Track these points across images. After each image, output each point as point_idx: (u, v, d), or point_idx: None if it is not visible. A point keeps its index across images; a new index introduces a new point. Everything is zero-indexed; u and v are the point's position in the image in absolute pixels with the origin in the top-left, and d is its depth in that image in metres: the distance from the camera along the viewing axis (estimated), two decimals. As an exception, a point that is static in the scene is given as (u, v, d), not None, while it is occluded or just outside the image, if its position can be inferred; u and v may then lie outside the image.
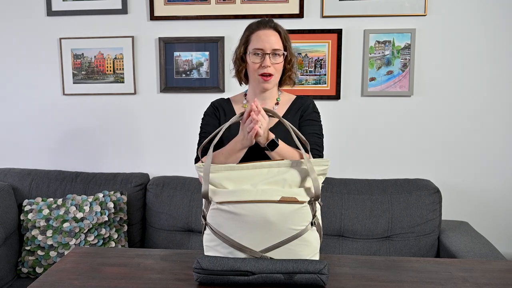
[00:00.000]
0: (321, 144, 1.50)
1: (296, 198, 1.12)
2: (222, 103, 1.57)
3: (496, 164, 2.24)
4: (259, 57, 1.43)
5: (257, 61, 1.43)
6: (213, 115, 1.55)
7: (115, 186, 2.23)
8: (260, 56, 1.43)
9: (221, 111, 1.54)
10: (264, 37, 1.43)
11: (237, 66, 1.52)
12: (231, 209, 1.12)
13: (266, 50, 1.42)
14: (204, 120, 1.56)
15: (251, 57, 1.44)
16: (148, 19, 2.32)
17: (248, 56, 1.45)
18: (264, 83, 1.45)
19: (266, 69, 1.43)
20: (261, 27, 1.45)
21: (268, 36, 1.43)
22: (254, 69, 1.44)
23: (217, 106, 1.56)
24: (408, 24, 2.20)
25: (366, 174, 2.28)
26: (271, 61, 1.43)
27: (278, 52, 1.44)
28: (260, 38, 1.43)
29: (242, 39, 1.49)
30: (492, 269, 1.25)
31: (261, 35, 1.43)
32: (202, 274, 1.11)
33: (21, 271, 2.06)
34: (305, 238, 1.13)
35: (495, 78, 2.20)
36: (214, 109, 1.56)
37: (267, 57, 1.42)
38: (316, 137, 1.48)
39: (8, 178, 2.26)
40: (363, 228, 2.06)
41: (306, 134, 1.45)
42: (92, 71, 2.37)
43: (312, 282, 1.09)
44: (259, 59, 1.43)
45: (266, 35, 1.43)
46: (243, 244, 1.12)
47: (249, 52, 1.45)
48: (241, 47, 1.48)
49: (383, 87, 2.24)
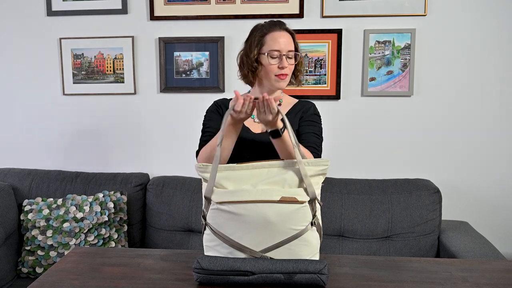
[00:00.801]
0: (319, 144, 1.49)
1: (296, 198, 1.12)
2: (225, 103, 1.57)
3: (496, 164, 2.24)
4: (276, 59, 1.43)
5: (274, 62, 1.43)
6: (216, 112, 1.54)
7: (115, 186, 2.23)
8: (277, 57, 1.43)
9: (224, 110, 1.54)
10: (280, 39, 1.43)
11: (251, 69, 1.48)
12: (231, 209, 1.12)
13: (282, 52, 1.42)
14: (208, 116, 1.55)
15: (269, 59, 1.43)
16: (148, 19, 2.32)
17: (266, 57, 1.44)
18: (281, 81, 1.45)
19: (284, 70, 1.43)
20: (275, 29, 1.45)
21: (283, 38, 1.44)
22: (271, 70, 1.44)
23: (220, 105, 1.56)
24: (408, 24, 2.20)
25: (366, 174, 2.28)
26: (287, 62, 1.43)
27: (292, 53, 1.45)
28: (276, 40, 1.43)
29: (254, 41, 1.47)
30: (492, 269, 1.25)
31: (277, 36, 1.43)
32: (202, 274, 1.11)
33: (21, 271, 2.06)
34: (305, 238, 1.13)
35: (495, 78, 2.20)
36: (217, 107, 1.56)
37: (284, 58, 1.42)
38: (314, 137, 1.47)
39: (8, 178, 2.27)
40: (363, 228, 2.06)
41: (304, 133, 1.45)
42: (92, 71, 2.37)
43: (312, 282, 1.09)
44: (276, 60, 1.43)
45: (281, 37, 1.43)
46: (243, 244, 1.12)
47: (266, 54, 1.43)
48: (254, 50, 1.46)
49: (383, 87, 2.24)
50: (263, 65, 1.45)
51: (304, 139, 1.44)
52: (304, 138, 1.45)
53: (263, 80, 1.49)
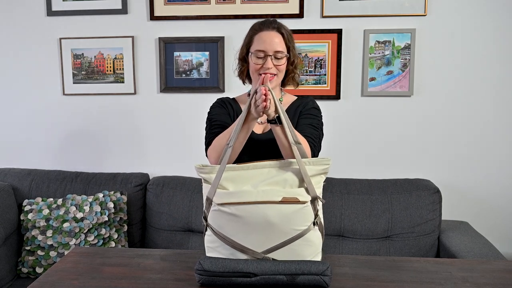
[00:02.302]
0: (317, 136, 1.45)
1: (298, 198, 1.11)
2: (229, 101, 1.57)
3: (496, 164, 2.24)
4: (260, 59, 1.42)
5: (259, 62, 1.42)
6: (221, 107, 1.53)
7: (115, 186, 2.23)
8: (262, 57, 1.42)
9: (229, 107, 1.53)
10: (266, 39, 1.41)
11: (239, 66, 1.52)
12: (232, 211, 1.11)
13: (268, 52, 1.41)
14: (214, 111, 1.53)
15: (253, 58, 1.43)
16: (148, 19, 2.32)
17: (250, 57, 1.44)
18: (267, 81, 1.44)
19: (270, 70, 1.41)
20: (264, 28, 1.44)
21: (271, 38, 1.42)
22: (255, 69, 1.43)
23: (225, 101, 1.56)
24: (408, 24, 2.20)
25: (366, 174, 2.28)
26: (273, 62, 1.42)
27: (280, 54, 1.42)
28: (262, 39, 1.42)
29: (246, 39, 1.48)
30: (492, 269, 1.25)
31: (264, 36, 1.42)
32: (204, 276, 1.10)
33: (21, 271, 2.06)
34: (308, 238, 1.13)
35: (495, 78, 2.20)
36: (222, 102, 1.55)
37: (268, 59, 1.41)
38: (311, 128, 1.44)
39: (8, 178, 2.26)
40: (363, 228, 2.06)
41: (302, 125, 1.43)
42: (92, 71, 2.37)
43: (315, 284, 1.09)
44: (261, 60, 1.42)
45: (269, 37, 1.42)
46: (244, 245, 1.12)
47: (251, 53, 1.44)
48: (243, 48, 1.48)
49: (383, 87, 2.24)
50: (249, 64, 1.46)
51: (300, 130, 1.40)
52: (301, 129, 1.41)
53: (253, 80, 1.49)
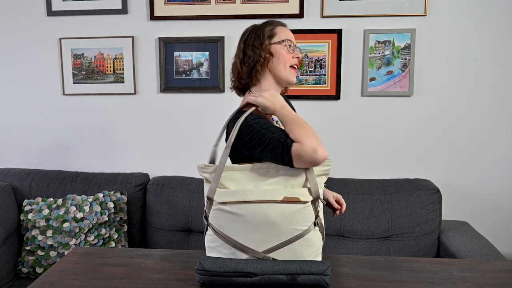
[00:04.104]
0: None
1: (299, 198, 1.11)
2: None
3: (496, 164, 2.24)
4: (291, 48, 1.37)
5: (290, 51, 1.37)
6: None
7: (115, 186, 2.23)
8: (292, 46, 1.38)
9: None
10: (287, 32, 1.40)
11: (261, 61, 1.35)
12: (233, 210, 1.11)
13: (294, 42, 1.40)
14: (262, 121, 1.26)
15: (284, 48, 1.36)
16: (148, 19, 2.32)
17: (280, 46, 1.36)
18: (294, 74, 1.39)
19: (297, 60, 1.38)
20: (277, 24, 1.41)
21: None
22: (287, 59, 1.37)
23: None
24: (408, 24, 2.20)
25: (366, 174, 2.28)
26: None
27: None
28: (284, 31, 1.39)
29: (266, 33, 1.38)
30: (492, 269, 1.25)
31: (285, 29, 1.40)
32: (204, 276, 1.10)
33: (21, 271, 2.06)
34: (308, 238, 1.13)
35: (495, 78, 2.20)
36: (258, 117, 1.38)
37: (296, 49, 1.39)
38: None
39: (8, 178, 2.26)
40: (363, 228, 2.06)
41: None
42: (92, 71, 2.37)
43: (315, 283, 1.09)
44: (292, 49, 1.37)
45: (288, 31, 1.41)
46: (245, 244, 1.12)
47: (282, 42, 1.36)
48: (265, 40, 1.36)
49: (383, 87, 2.24)
50: (276, 56, 1.36)
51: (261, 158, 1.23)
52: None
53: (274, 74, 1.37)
